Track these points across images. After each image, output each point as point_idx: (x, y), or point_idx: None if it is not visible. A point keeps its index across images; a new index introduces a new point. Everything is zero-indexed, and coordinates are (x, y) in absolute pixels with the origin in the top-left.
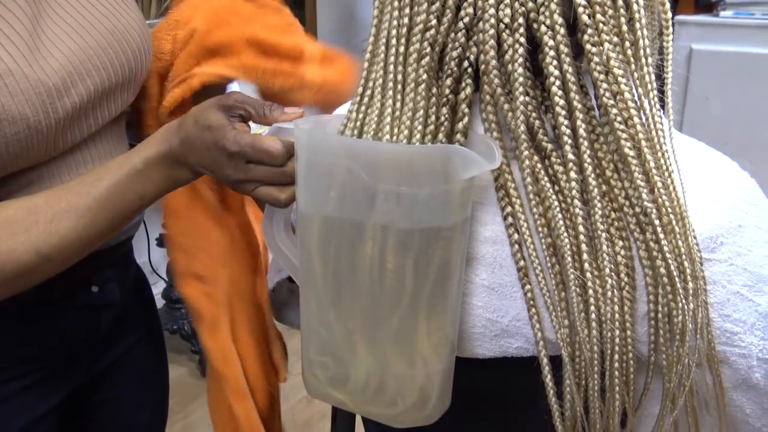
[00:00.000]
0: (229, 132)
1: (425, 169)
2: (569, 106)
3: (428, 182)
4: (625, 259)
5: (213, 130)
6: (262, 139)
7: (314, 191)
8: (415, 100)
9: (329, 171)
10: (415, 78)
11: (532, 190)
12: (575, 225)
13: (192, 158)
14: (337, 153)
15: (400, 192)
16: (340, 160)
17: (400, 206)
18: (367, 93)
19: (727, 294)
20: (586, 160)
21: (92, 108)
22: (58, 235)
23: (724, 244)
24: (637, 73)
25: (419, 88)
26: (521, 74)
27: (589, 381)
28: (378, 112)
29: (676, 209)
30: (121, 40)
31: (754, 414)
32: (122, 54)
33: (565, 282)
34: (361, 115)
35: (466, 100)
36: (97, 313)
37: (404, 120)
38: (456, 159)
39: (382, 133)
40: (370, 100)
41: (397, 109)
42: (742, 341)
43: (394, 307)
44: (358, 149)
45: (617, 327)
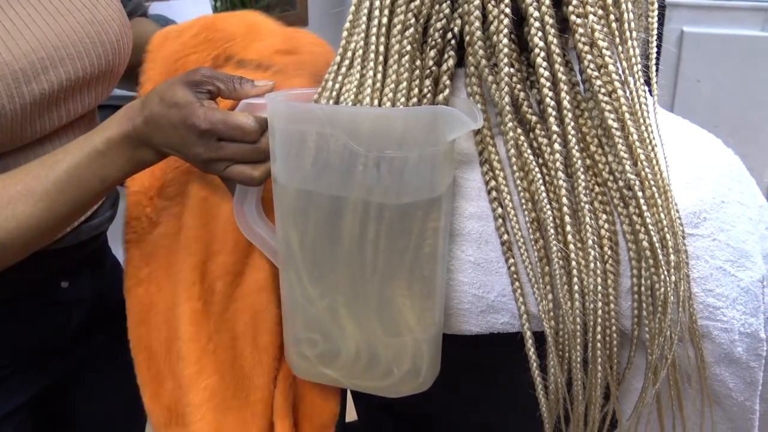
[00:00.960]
0: (198, 109)
1: (413, 131)
2: (554, 78)
3: (417, 144)
4: (608, 233)
5: (180, 108)
6: (234, 115)
7: (293, 163)
8: (398, 72)
9: (309, 140)
10: (399, 50)
11: (516, 164)
12: (559, 197)
13: (157, 138)
14: (319, 120)
15: (388, 156)
16: (322, 128)
17: (387, 174)
18: (344, 63)
19: (709, 269)
20: (570, 132)
21: (64, 98)
22: (15, 220)
23: (708, 219)
24: (621, 47)
25: (403, 59)
26: (506, 45)
27: (571, 353)
28: (357, 83)
29: (659, 182)
30: (100, 31)
31: (736, 388)
32: (100, 45)
33: (548, 256)
34: (338, 85)
35: (448, 72)
36: (67, 309)
37: (386, 92)
38: (442, 119)
39: (361, 104)
40: (348, 70)
41: (378, 81)
42: (725, 316)
43: (377, 280)
44: (341, 116)
45: (600, 299)
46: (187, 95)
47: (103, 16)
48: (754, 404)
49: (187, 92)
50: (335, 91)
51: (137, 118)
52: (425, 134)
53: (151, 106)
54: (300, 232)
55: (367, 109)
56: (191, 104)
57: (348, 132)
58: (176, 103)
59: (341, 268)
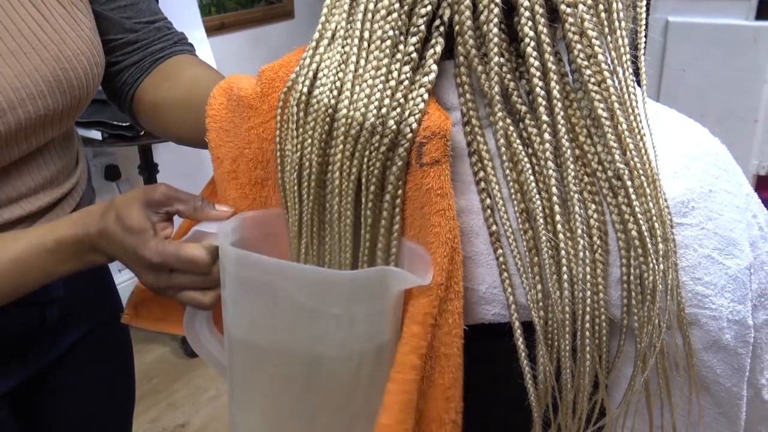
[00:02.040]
0: (150, 240)
1: (361, 291)
2: (544, 68)
3: (365, 302)
4: (597, 223)
5: (134, 234)
6: (186, 248)
7: (244, 309)
8: (378, 57)
9: (261, 289)
10: (381, 35)
11: (506, 155)
12: (548, 187)
13: (109, 251)
14: (270, 273)
15: (338, 313)
16: (274, 280)
17: (335, 327)
18: (323, 42)
19: (698, 257)
20: (559, 122)
21: (25, 135)
22: None
23: (696, 208)
24: (610, 36)
25: (383, 44)
26: (496, 35)
27: (560, 342)
28: (338, 65)
29: (648, 172)
30: (66, 67)
31: (724, 374)
32: (65, 82)
33: (537, 246)
34: (315, 65)
35: (434, 56)
36: (39, 308)
37: (366, 78)
38: (392, 280)
39: (343, 88)
40: (326, 49)
41: (360, 66)
42: (713, 303)
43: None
44: (291, 271)
45: (588, 288)
46: (141, 220)
47: (71, 51)
48: (742, 390)
49: (142, 216)
50: (312, 70)
51: (92, 226)
52: (374, 293)
53: (108, 221)
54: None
55: (316, 269)
56: (144, 232)
57: (297, 287)
58: (130, 227)
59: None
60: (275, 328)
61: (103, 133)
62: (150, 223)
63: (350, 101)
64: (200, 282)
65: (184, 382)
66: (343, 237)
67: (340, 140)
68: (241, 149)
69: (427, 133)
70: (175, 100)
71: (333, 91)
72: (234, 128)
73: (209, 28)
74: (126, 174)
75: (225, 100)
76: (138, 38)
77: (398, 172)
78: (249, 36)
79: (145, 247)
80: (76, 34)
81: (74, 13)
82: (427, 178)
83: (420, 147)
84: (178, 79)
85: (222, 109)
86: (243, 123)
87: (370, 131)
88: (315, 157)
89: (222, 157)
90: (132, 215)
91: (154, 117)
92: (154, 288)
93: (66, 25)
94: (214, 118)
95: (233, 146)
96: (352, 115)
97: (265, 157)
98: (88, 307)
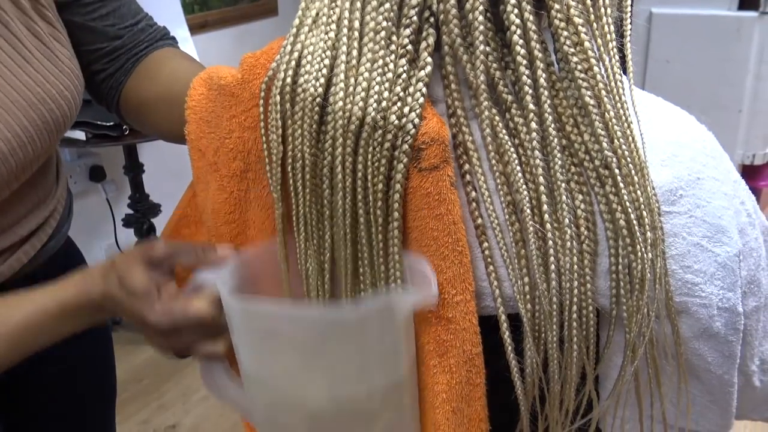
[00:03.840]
0: (156, 304)
1: (372, 324)
2: (530, 56)
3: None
4: (585, 213)
5: (138, 298)
6: (191, 306)
7: (256, 354)
8: (373, 49)
9: (270, 335)
10: (375, 27)
11: (492, 146)
12: (535, 177)
13: (114, 311)
14: (276, 320)
15: (350, 349)
16: (281, 326)
17: (349, 362)
18: (303, 29)
19: (687, 245)
20: (546, 111)
21: (16, 177)
22: None
23: (684, 196)
24: (596, 23)
25: (378, 36)
26: (482, 23)
27: (547, 334)
28: (322, 52)
29: (636, 160)
30: (52, 107)
31: (715, 362)
32: (52, 122)
33: (524, 238)
34: (297, 52)
35: (428, 49)
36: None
37: (362, 71)
38: (398, 305)
39: (336, 80)
40: (308, 36)
41: (352, 57)
42: (703, 291)
43: None
44: (298, 317)
45: (576, 278)
46: (145, 283)
47: (55, 90)
48: (732, 377)
49: (145, 278)
50: (294, 58)
51: (95, 289)
52: (383, 324)
53: (110, 284)
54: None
55: (321, 312)
56: (149, 296)
57: (305, 330)
58: (134, 291)
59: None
60: (289, 370)
61: (86, 134)
62: (153, 284)
63: (345, 93)
64: (210, 333)
65: (174, 382)
66: (348, 234)
67: (339, 134)
68: (222, 140)
69: (426, 138)
70: (157, 97)
71: (319, 80)
72: (215, 118)
73: (192, 27)
74: (111, 174)
75: (205, 90)
76: (123, 43)
77: (405, 170)
78: (233, 34)
79: (152, 311)
80: (58, 69)
81: (53, 46)
82: (426, 183)
83: (418, 152)
84: (157, 76)
85: (202, 99)
86: (224, 112)
87: (372, 126)
88: (307, 149)
89: (204, 149)
90: (134, 278)
91: (141, 116)
92: (164, 348)
93: (47, 61)
94: (194, 109)
95: (215, 137)
96: (350, 108)
97: (245, 147)
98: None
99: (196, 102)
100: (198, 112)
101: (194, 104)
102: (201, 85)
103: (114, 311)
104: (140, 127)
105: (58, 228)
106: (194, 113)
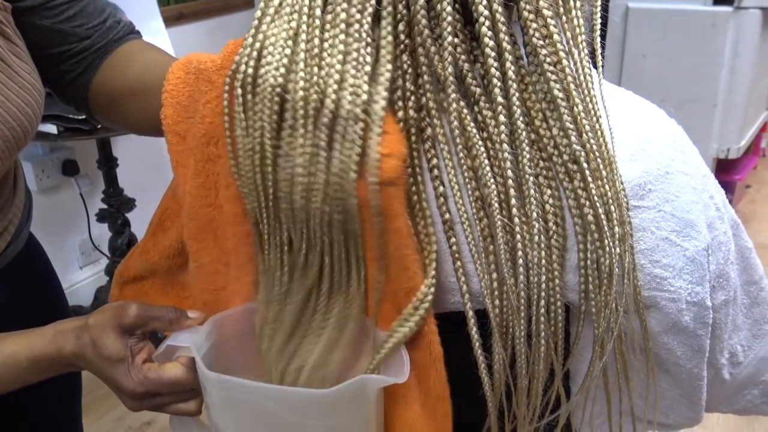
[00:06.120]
0: (131, 369)
1: (344, 402)
2: (498, 48)
3: (348, 411)
4: (553, 208)
5: (112, 364)
6: (166, 372)
7: (229, 422)
8: (337, 36)
9: (244, 406)
10: (338, 13)
11: (460, 139)
12: (503, 170)
13: (87, 369)
14: (250, 393)
15: (323, 425)
16: (255, 399)
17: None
18: (265, 19)
19: (656, 240)
20: (515, 104)
21: None
22: None
23: (653, 191)
24: (566, 16)
25: (341, 23)
26: (450, 13)
27: (515, 329)
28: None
29: (604, 154)
30: (14, 125)
31: (684, 356)
32: (13, 141)
33: (492, 234)
34: (259, 43)
35: (395, 39)
36: None
37: (325, 58)
38: (371, 385)
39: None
40: (270, 26)
41: (315, 46)
42: (672, 286)
43: None
44: (273, 393)
45: (544, 273)
46: (119, 349)
47: (16, 108)
48: (702, 371)
49: (119, 345)
50: (256, 49)
51: (67, 346)
52: (356, 401)
53: (83, 346)
54: None
55: (296, 390)
56: (123, 362)
57: (279, 405)
58: (108, 357)
59: None
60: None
61: (58, 127)
62: (127, 350)
63: (306, 82)
64: (184, 396)
65: None
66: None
67: (299, 123)
68: (196, 124)
69: (384, 151)
70: (129, 89)
71: (279, 69)
72: (192, 103)
73: (167, 19)
74: (85, 168)
75: (183, 74)
76: (92, 43)
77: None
78: (208, 26)
79: (126, 378)
80: (18, 86)
81: (11, 62)
82: (380, 196)
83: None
84: (128, 68)
85: (180, 83)
86: (200, 97)
87: (333, 115)
88: (267, 140)
89: (183, 133)
90: (107, 344)
91: (112, 110)
92: (138, 410)
93: (7, 79)
94: (171, 93)
95: (192, 122)
96: (311, 97)
97: (216, 133)
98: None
99: (173, 86)
100: (175, 96)
101: (171, 88)
102: (180, 69)
103: (86, 368)
104: (111, 122)
105: (17, 233)
106: (171, 97)
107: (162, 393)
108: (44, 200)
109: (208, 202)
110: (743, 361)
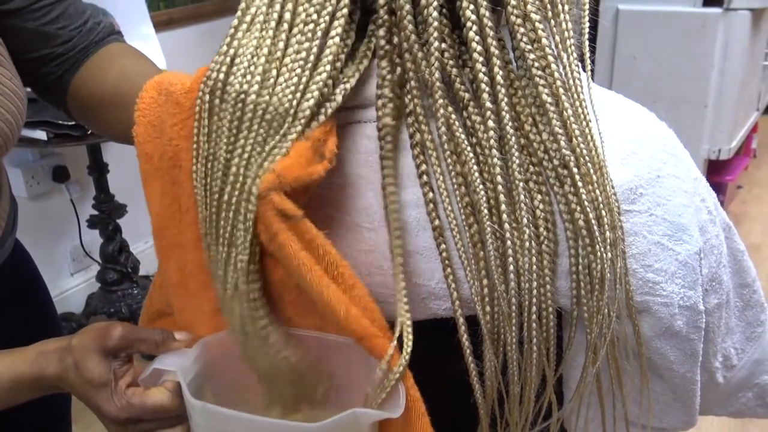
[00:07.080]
0: (114, 394)
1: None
2: (487, 53)
3: None
4: (544, 213)
5: (96, 388)
6: (151, 397)
7: None
8: (300, 41)
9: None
10: (304, 18)
11: (448, 145)
12: (493, 176)
13: (70, 391)
14: (236, 424)
15: None
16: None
17: None
18: (241, 28)
19: (648, 244)
20: (504, 109)
21: None
22: None
23: (644, 195)
24: (554, 20)
25: (306, 27)
26: (436, 18)
27: (506, 336)
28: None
29: (594, 158)
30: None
31: (677, 360)
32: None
33: (482, 240)
34: (233, 50)
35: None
36: None
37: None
38: (364, 420)
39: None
40: (244, 35)
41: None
42: (664, 290)
43: None
44: (259, 425)
45: (535, 279)
46: (102, 373)
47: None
48: (695, 375)
49: (102, 368)
50: (229, 56)
51: (50, 369)
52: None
53: (66, 368)
54: None
55: (285, 423)
56: (106, 386)
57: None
58: (91, 380)
59: None
60: None
61: (48, 133)
62: (110, 373)
63: (261, 86)
64: (169, 422)
65: None
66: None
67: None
68: (164, 146)
69: (289, 179)
70: (105, 99)
71: (246, 76)
72: (161, 124)
73: (157, 24)
74: (75, 175)
75: (155, 94)
76: (74, 45)
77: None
78: (199, 31)
79: (109, 403)
80: (2, 93)
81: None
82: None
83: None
84: (105, 75)
85: (152, 103)
86: (168, 119)
87: (282, 116)
88: (223, 146)
89: (151, 153)
90: (90, 367)
91: (89, 117)
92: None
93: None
94: (143, 112)
95: (160, 143)
96: (263, 99)
97: (181, 156)
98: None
99: (146, 105)
100: (147, 116)
101: (144, 107)
102: (152, 88)
103: (69, 391)
104: (90, 127)
105: (1, 243)
106: (143, 116)
107: (146, 419)
108: (35, 207)
109: (173, 224)
110: (737, 365)
